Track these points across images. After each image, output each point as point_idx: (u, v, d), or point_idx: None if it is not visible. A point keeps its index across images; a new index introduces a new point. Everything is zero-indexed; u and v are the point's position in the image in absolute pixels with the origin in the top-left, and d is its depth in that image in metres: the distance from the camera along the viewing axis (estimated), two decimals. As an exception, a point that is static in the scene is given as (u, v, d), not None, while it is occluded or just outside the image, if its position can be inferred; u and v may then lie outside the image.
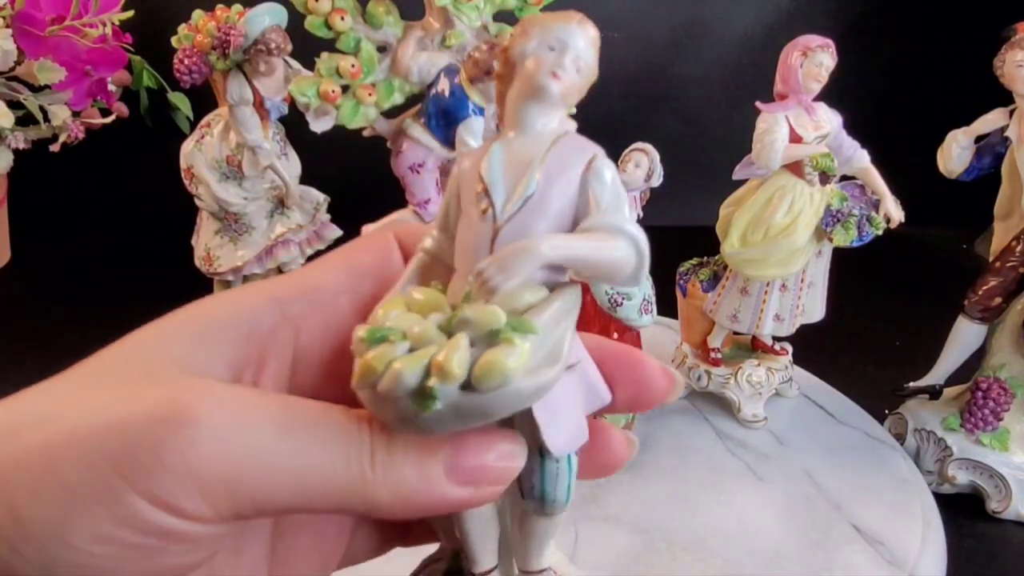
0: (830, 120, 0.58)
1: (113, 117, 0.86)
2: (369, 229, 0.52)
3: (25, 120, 0.80)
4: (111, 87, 0.85)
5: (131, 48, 0.86)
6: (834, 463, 0.57)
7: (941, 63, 1.17)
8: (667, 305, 0.66)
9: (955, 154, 0.59)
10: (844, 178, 0.62)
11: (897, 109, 1.18)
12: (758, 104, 0.57)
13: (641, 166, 0.54)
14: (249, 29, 0.64)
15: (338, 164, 0.86)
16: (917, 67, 1.19)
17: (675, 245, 0.62)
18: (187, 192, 0.73)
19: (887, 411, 0.67)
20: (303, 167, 0.76)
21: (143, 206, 1.11)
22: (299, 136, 0.72)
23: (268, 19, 0.64)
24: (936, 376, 0.64)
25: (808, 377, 0.69)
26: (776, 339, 0.67)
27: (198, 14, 0.66)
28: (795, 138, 0.57)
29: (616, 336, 0.57)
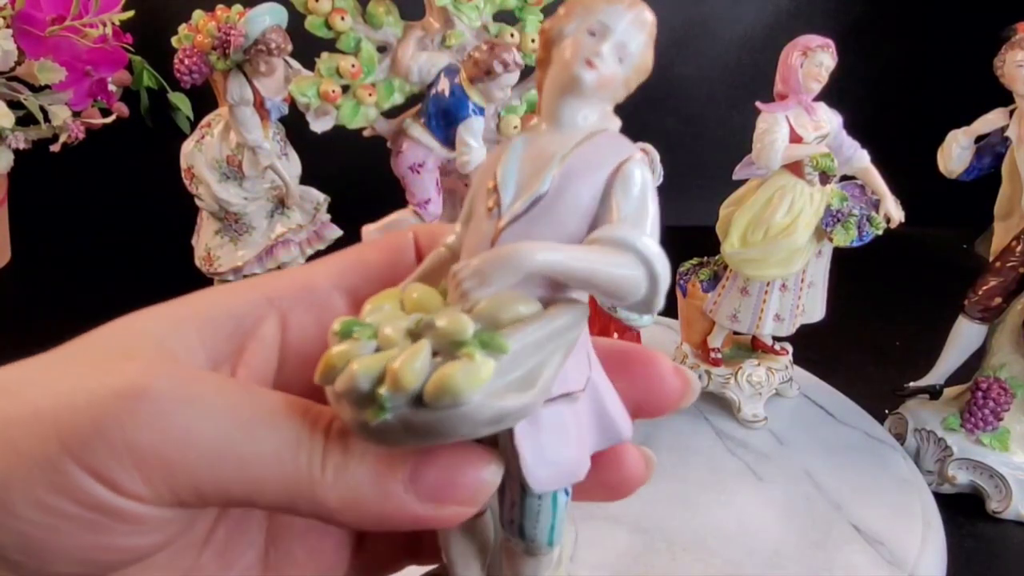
0: (830, 120, 0.58)
1: (113, 117, 0.86)
2: (369, 229, 0.52)
3: (25, 120, 0.80)
4: (111, 87, 0.85)
5: (131, 48, 0.86)
6: (834, 463, 0.57)
7: (941, 63, 1.17)
8: (667, 305, 0.66)
9: (955, 154, 0.59)
10: (844, 178, 0.62)
11: (897, 109, 1.18)
12: (758, 104, 0.57)
13: (641, 166, 0.54)
14: (249, 29, 0.64)
15: (338, 164, 0.86)
16: (917, 67, 1.19)
17: (675, 245, 0.61)
18: (187, 192, 0.73)
19: (887, 411, 0.67)
20: (303, 167, 0.76)
21: (143, 206, 1.11)
22: (299, 136, 0.72)
23: (268, 19, 0.64)
24: (936, 376, 0.64)
25: (808, 377, 0.69)
26: (776, 339, 0.67)
27: (198, 14, 0.66)
28: (795, 138, 0.57)
29: (616, 336, 0.58)
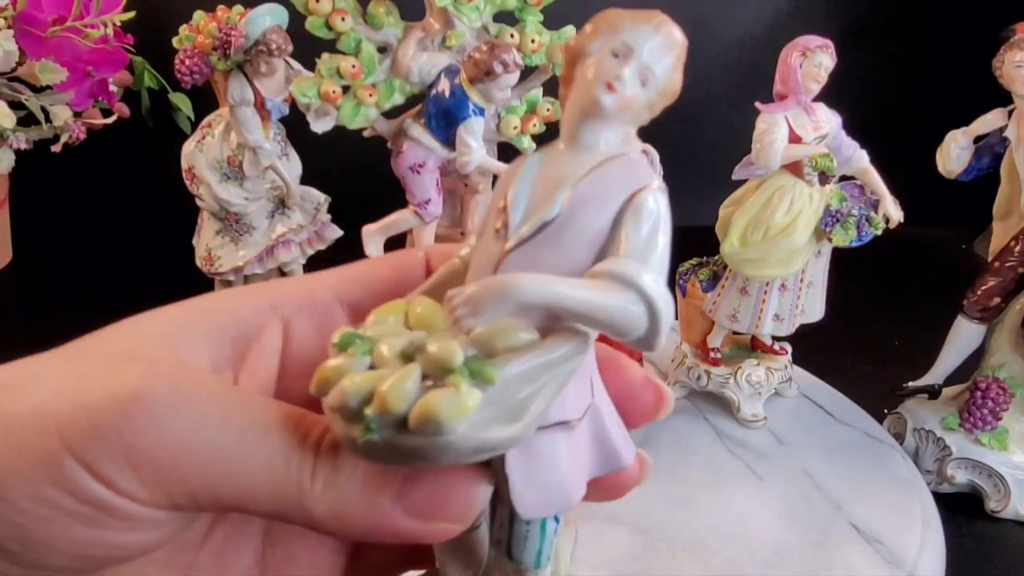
0: (829, 120, 0.58)
1: (114, 118, 0.86)
2: (370, 229, 0.52)
3: (27, 121, 0.80)
4: (112, 88, 0.86)
5: (132, 49, 0.86)
6: (834, 463, 0.57)
7: (941, 63, 1.17)
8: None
9: (954, 154, 0.59)
10: (843, 178, 0.62)
11: (897, 109, 1.18)
12: (758, 104, 0.57)
13: (641, 166, 0.54)
14: (250, 30, 0.64)
15: (338, 164, 0.86)
16: (917, 67, 1.19)
17: (675, 245, 0.62)
18: (188, 192, 0.73)
19: (886, 411, 0.67)
20: (304, 167, 0.76)
21: (144, 206, 1.11)
22: (300, 136, 0.72)
23: (269, 20, 0.64)
24: (935, 376, 0.64)
25: (807, 377, 0.69)
26: (775, 339, 0.67)
27: (199, 15, 0.66)
28: (794, 138, 0.57)
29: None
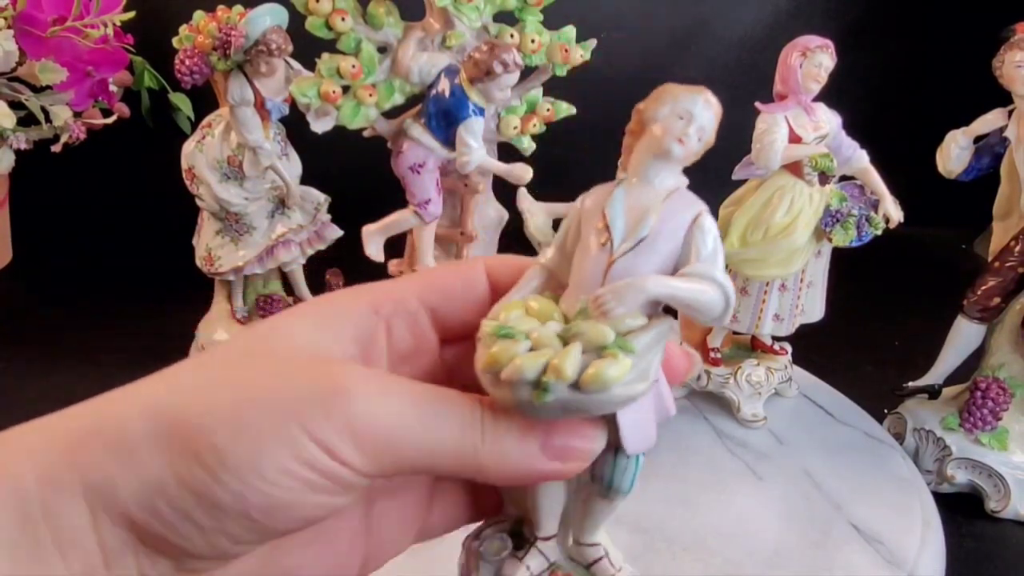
0: (829, 120, 0.58)
1: (114, 118, 0.86)
2: (370, 229, 0.52)
3: (27, 121, 0.80)
4: (112, 88, 0.86)
5: (132, 49, 0.86)
6: (834, 463, 0.57)
7: (941, 63, 1.17)
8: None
9: (954, 154, 0.59)
10: (843, 178, 0.62)
11: (897, 109, 1.18)
12: (758, 104, 0.57)
13: (641, 166, 0.54)
14: (250, 30, 0.64)
15: (338, 164, 0.86)
16: (917, 67, 1.19)
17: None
18: (188, 192, 0.73)
19: (886, 411, 0.67)
20: (304, 167, 0.76)
21: (144, 206, 1.11)
22: (300, 136, 0.72)
23: (269, 20, 0.64)
24: (935, 376, 0.64)
25: (807, 377, 0.69)
26: (775, 339, 0.67)
27: (199, 15, 0.66)
28: (794, 138, 0.57)
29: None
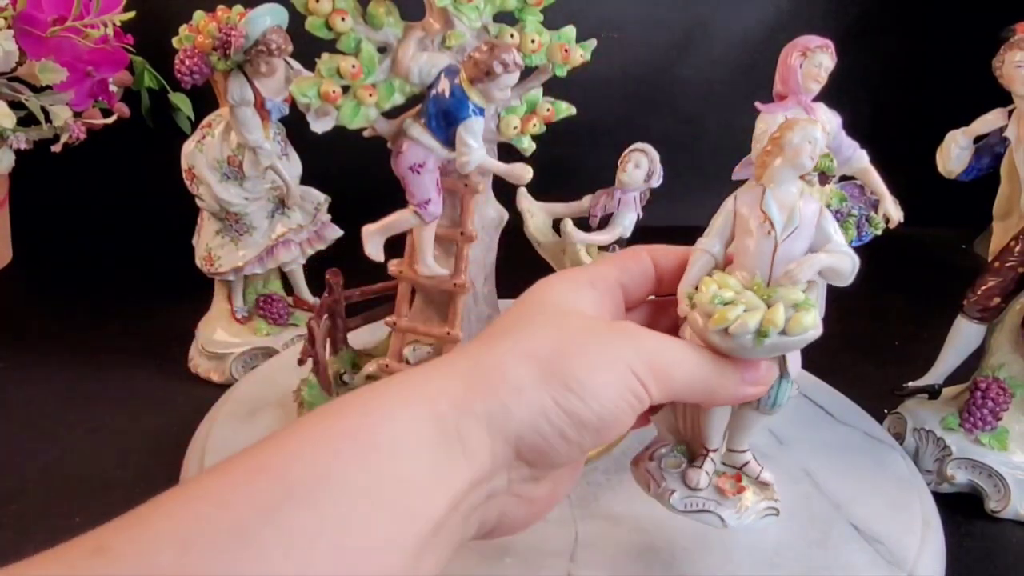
0: (829, 120, 0.58)
1: (114, 118, 0.86)
2: (370, 229, 0.52)
3: (27, 121, 0.80)
4: (112, 88, 0.86)
5: (132, 49, 0.86)
6: (834, 463, 0.57)
7: (941, 63, 1.17)
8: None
9: (954, 154, 0.59)
10: (843, 178, 0.62)
11: (897, 109, 1.18)
12: (757, 104, 0.57)
13: (641, 166, 0.54)
14: (250, 30, 0.64)
15: (338, 164, 0.86)
16: (917, 67, 1.19)
17: (675, 245, 0.62)
18: (188, 192, 0.73)
19: (886, 411, 0.67)
20: (304, 167, 0.76)
21: (144, 206, 1.11)
22: (299, 136, 0.73)
23: (269, 20, 0.64)
24: (935, 376, 0.64)
25: (808, 377, 0.69)
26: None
27: (199, 15, 0.66)
28: (794, 138, 0.57)
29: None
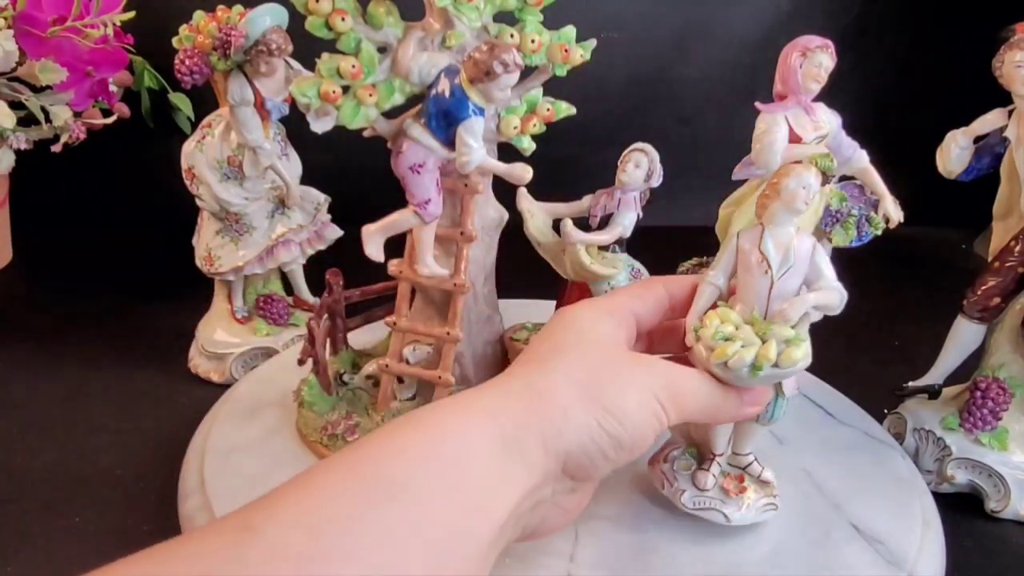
0: (829, 121, 0.58)
1: (114, 118, 0.86)
2: (370, 229, 0.52)
3: (27, 121, 0.80)
4: (112, 88, 0.86)
5: (132, 49, 0.86)
6: (834, 463, 0.57)
7: (941, 63, 1.17)
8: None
9: (954, 154, 0.59)
10: (843, 178, 0.62)
11: (897, 109, 1.18)
12: (757, 104, 0.57)
13: (641, 166, 0.54)
14: (250, 30, 0.64)
15: (338, 164, 0.86)
16: (917, 67, 1.19)
17: (675, 245, 0.62)
18: (188, 192, 0.73)
19: (886, 411, 0.67)
20: (304, 167, 0.76)
21: (144, 206, 1.11)
22: (299, 136, 0.73)
23: (269, 20, 0.64)
24: (935, 376, 0.64)
25: (808, 377, 0.69)
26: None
27: (199, 15, 0.66)
28: (794, 138, 0.57)
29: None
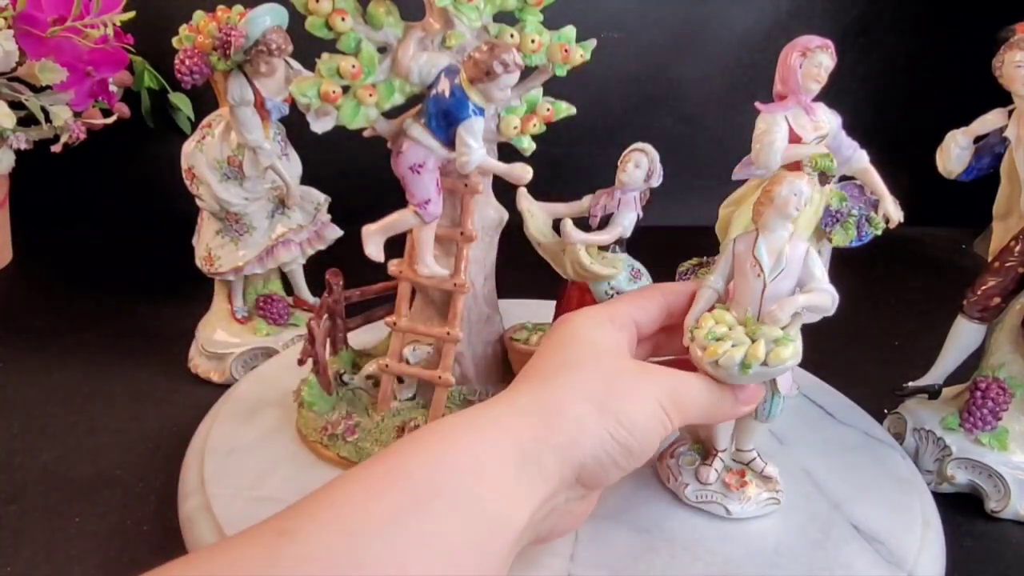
0: (829, 120, 0.58)
1: (114, 118, 0.86)
2: (370, 229, 0.52)
3: (27, 121, 0.80)
4: (112, 88, 0.86)
5: (132, 49, 0.87)
6: (834, 463, 0.57)
7: (941, 63, 1.17)
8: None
9: (954, 154, 0.59)
10: (843, 178, 0.62)
11: (897, 109, 1.18)
12: (757, 104, 0.57)
13: (641, 166, 0.54)
14: (250, 30, 0.64)
15: (338, 164, 0.86)
16: (917, 67, 1.19)
17: (675, 245, 0.62)
18: (188, 192, 0.73)
19: (886, 411, 0.67)
20: (304, 167, 0.76)
21: (144, 206, 1.11)
22: (299, 136, 0.73)
23: (269, 20, 0.64)
24: (935, 376, 0.64)
25: (808, 377, 0.69)
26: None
27: (199, 15, 0.66)
28: (794, 138, 0.57)
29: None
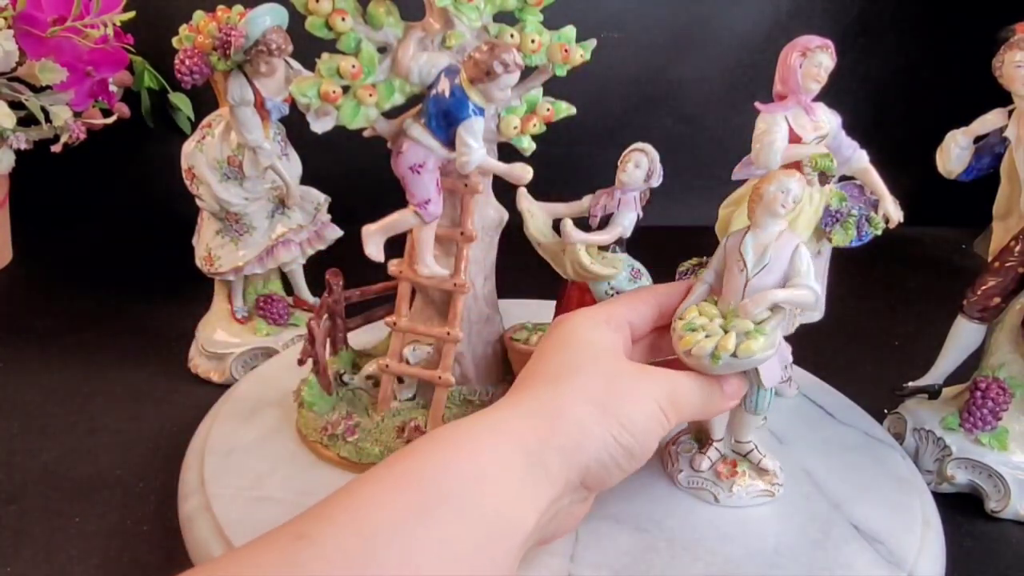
0: (829, 120, 0.58)
1: (114, 118, 0.86)
2: (370, 229, 0.52)
3: (27, 121, 0.80)
4: (112, 88, 0.86)
5: (132, 49, 0.87)
6: (834, 463, 0.57)
7: (941, 63, 1.17)
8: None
9: (954, 154, 0.59)
10: (843, 178, 0.62)
11: (897, 109, 1.18)
12: (757, 104, 0.57)
13: (641, 166, 0.54)
14: (250, 30, 0.64)
15: (338, 164, 0.86)
16: (917, 67, 1.19)
17: (675, 245, 0.62)
18: (188, 192, 0.73)
19: (886, 411, 0.67)
20: (304, 167, 0.76)
21: (144, 206, 1.11)
22: (299, 136, 0.73)
23: (269, 20, 0.64)
24: (935, 376, 0.64)
25: (808, 377, 0.69)
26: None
27: (199, 15, 0.66)
28: (794, 138, 0.57)
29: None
